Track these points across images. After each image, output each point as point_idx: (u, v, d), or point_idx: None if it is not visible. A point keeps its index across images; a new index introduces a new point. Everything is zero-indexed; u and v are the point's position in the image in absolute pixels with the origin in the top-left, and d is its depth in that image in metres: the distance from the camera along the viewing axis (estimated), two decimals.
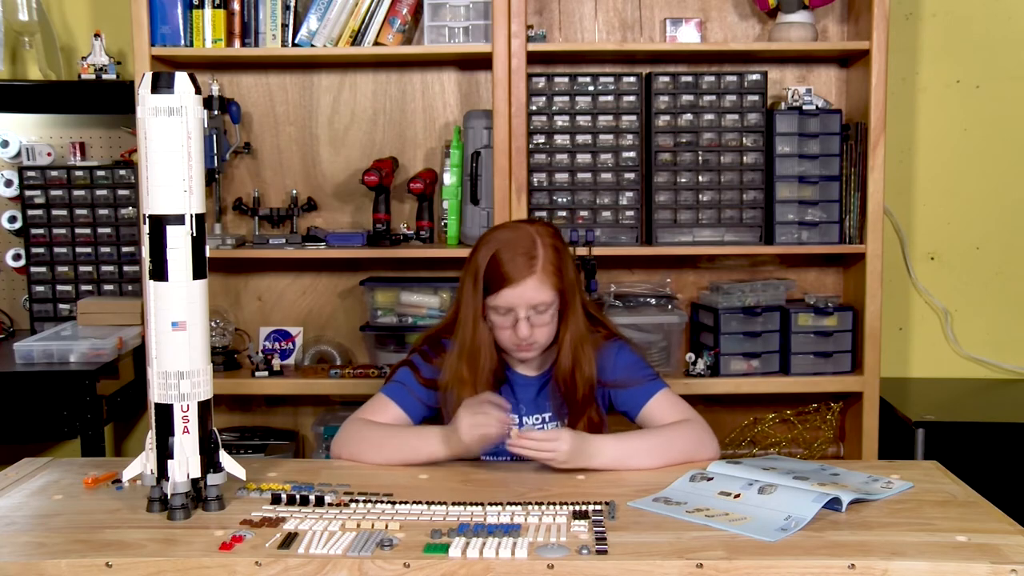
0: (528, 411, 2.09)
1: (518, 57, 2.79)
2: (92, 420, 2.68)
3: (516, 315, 1.98)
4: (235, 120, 3.01)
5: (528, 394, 2.10)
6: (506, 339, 2.01)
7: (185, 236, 1.63)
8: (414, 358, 2.10)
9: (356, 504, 1.71)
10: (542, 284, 1.97)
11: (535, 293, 1.97)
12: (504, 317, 1.99)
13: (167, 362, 1.65)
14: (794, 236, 2.92)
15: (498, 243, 2.01)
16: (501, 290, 1.97)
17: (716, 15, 3.06)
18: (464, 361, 2.02)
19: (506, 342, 2.02)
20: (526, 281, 1.96)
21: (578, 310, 2.05)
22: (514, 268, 1.96)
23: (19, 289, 3.23)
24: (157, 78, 1.61)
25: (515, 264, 1.97)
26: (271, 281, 3.17)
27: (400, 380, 2.07)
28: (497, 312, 1.99)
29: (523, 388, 2.10)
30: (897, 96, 3.15)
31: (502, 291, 1.97)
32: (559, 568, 1.47)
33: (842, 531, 1.58)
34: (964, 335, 3.26)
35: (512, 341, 2.00)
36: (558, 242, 2.04)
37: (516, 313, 1.98)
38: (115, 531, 1.60)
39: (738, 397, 3.06)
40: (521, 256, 1.97)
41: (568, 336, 2.03)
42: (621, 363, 2.09)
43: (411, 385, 2.06)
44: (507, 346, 2.03)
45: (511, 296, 1.97)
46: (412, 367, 2.08)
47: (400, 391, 2.05)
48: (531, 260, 1.97)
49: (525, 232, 2.02)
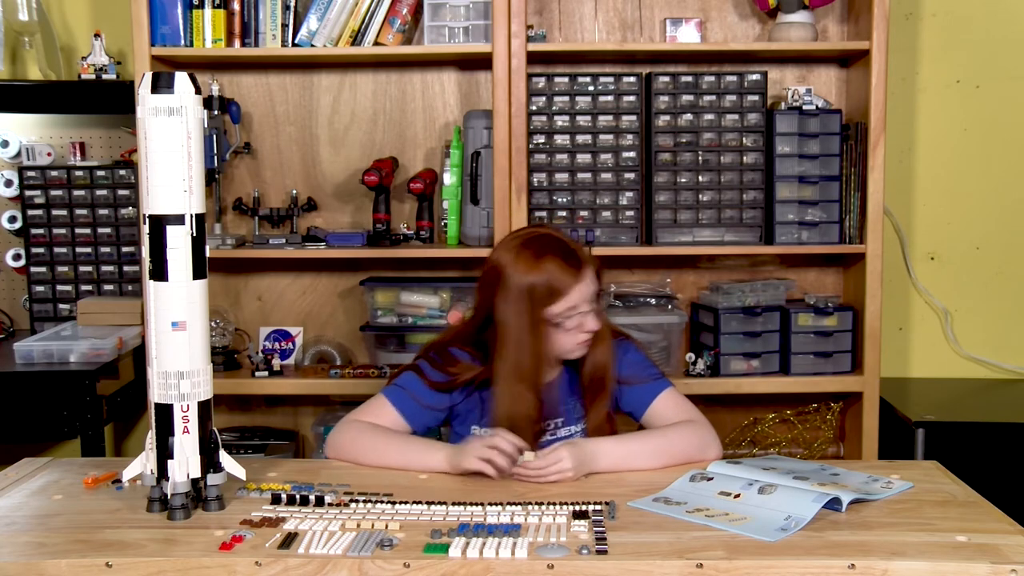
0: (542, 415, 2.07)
1: (518, 57, 2.79)
2: (92, 420, 2.68)
3: (579, 312, 1.98)
4: (235, 120, 3.02)
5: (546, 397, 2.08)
6: (569, 344, 2.01)
7: (185, 236, 1.63)
8: (421, 364, 2.07)
9: (356, 504, 1.71)
10: (592, 275, 2.01)
11: (591, 285, 2.00)
12: (569, 320, 1.98)
13: (167, 362, 1.65)
14: (794, 236, 2.92)
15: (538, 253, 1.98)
16: (566, 293, 1.96)
17: (716, 15, 3.06)
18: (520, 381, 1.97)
19: (571, 343, 2.01)
20: (583, 275, 1.98)
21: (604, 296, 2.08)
22: (567, 271, 1.96)
23: (19, 289, 3.23)
24: (157, 78, 1.61)
25: (566, 268, 1.96)
26: (271, 281, 3.17)
27: (403, 385, 2.04)
28: (560, 318, 1.98)
29: None
30: (897, 96, 3.15)
31: (568, 294, 1.96)
32: (559, 568, 1.47)
33: (842, 531, 1.58)
34: (964, 335, 3.26)
35: (575, 342, 2.01)
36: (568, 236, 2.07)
37: (581, 310, 1.98)
38: (115, 531, 1.60)
39: (738, 397, 3.06)
40: (565, 259, 1.97)
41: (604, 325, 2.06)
42: (628, 361, 2.10)
43: (416, 391, 2.03)
44: (571, 347, 2.02)
45: (576, 295, 1.97)
46: (419, 372, 2.05)
47: (402, 396, 2.03)
48: (574, 258, 1.98)
49: (546, 234, 2.03)
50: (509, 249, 2.02)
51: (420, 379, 2.04)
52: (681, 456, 1.93)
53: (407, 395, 2.03)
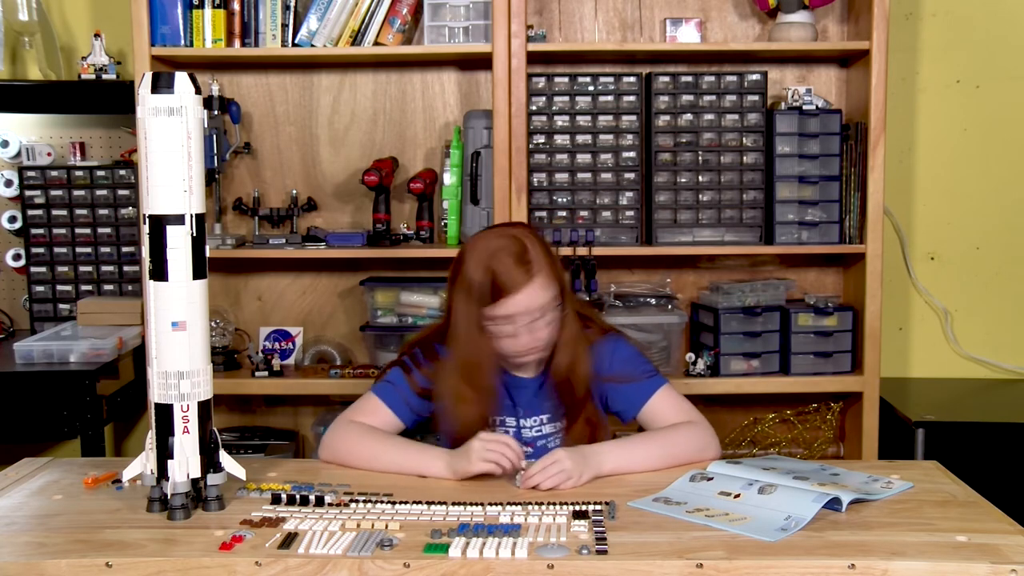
0: (526, 413, 2.07)
1: (518, 57, 2.79)
2: (92, 420, 2.68)
3: (516, 323, 1.92)
4: (235, 120, 3.01)
5: (525, 396, 2.07)
6: (507, 348, 1.96)
7: (185, 236, 1.63)
8: (407, 360, 2.05)
9: (356, 504, 1.71)
10: (542, 288, 1.92)
11: (536, 298, 1.92)
12: (504, 327, 1.93)
13: (167, 362, 1.65)
14: (794, 236, 2.92)
15: (488, 252, 1.93)
16: (501, 300, 1.90)
17: (716, 15, 3.06)
18: (463, 379, 1.96)
19: (507, 351, 1.96)
20: (526, 288, 1.91)
21: (571, 308, 2.01)
22: (512, 277, 1.90)
23: (19, 289, 3.23)
24: (157, 78, 1.61)
25: (512, 273, 1.90)
26: (271, 281, 3.17)
27: (391, 381, 2.03)
28: (496, 323, 1.93)
29: (520, 390, 2.07)
30: (897, 96, 3.15)
31: (503, 301, 1.90)
32: (559, 568, 1.47)
33: (842, 531, 1.58)
34: (964, 335, 3.26)
35: (514, 350, 1.96)
36: (542, 240, 1.99)
37: (516, 321, 1.92)
38: (115, 531, 1.60)
39: (738, 397, 3.06)
40: (516, 263, 1.90)
41: (564, 335, 2.00)
42: (619, 357, 2.06)
43: (403, 389, 2.02)
44: (509, 355, 1.98)
45: (513, 305, 1.91)
46: (404, 369, 2.04)
47: (392, 393, 2.01)
48: (527, 265, 1.91)
49: (512, 237, 1.95)
50: (473, 240, 2.02)
51: (406, 378, 2.03)
52: (683, 458, 1.92)
53: (397, 393, 2.01)
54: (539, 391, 2.07)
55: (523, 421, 2.07)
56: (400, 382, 2.03)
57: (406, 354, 2.08)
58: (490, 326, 1.94)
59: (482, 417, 1.97)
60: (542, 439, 2.07)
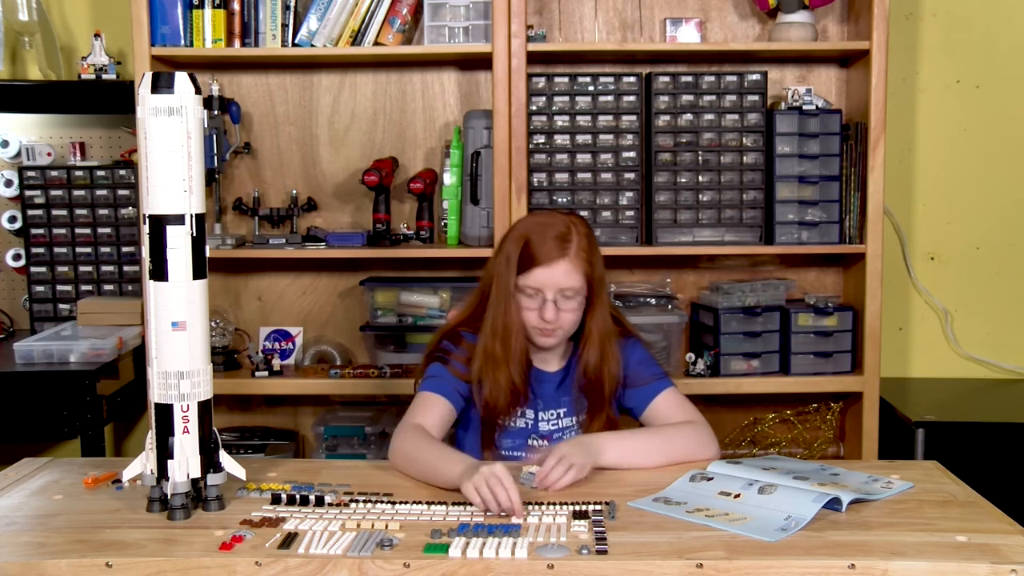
0: (545, 406, 2.09)
1: (518, 57, 2.79)
2: (92, 420, 2.68)
3: (544, 297, 1.99)
4: (235, 120, 3.01)
5: (546, 389, 2.10)
6: (532, 321, 2.02)
7: (185, 236, 1.63)
8: (440, 351, 2.08)
9: (356, 504, 1.71)
10: (573, 269, 2.00)
11: (564, 277, 1.99)
12: (532, 298, 2.01)
13: (167, 362, 1.65)
14: (794, 236, 2.92)
15: (533, 225, 2.05)
16: (532, 269, 1.99)
17: (716, 15, 3.06)
18: (497, 339, 2.02)
19: (530, 323, 2.02)
20: (557, 263, 1.99)
21: (605, 304, 2.08)
22: (547, 249, 1.99)
23: (19, 289, 3.23)
24: (157, 78, 1.61)
25: (548, 246, 1.99)
26: (271, 281, 3.17)
27: (434, 375, 2.06)
28: (525, 293, 2.01)
29: (541, 384, 2.10)
30: (897, 96, 3.15)
31: (533, 271, 1.99)
32: (559, 568, 1.47)
33: (842, 531, 1.58)
34: (964, 335, 3.26)
35: (536, 323, 2.02)
36: (591, 233, 2.08)
37: (544, 295, 1.99)
38: (115, 531, 1.60)
39: (738, 397, 3.06)
40: (554, 239, 2.00)
41: (595, 329, 2.05)
42: (633, 360, 2.10)
43: (447, 377, 2.04)
44: (531, 328, 2.03)
45: (541, 276, 1.99)
46: (441, 360, 2.07)
47: (439, 384, 2.03)
48: (564, 244, 2.00)
49: (560, 219, 2.05)
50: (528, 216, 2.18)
51: (445, 366, 2.06)
52: (681, 455, 1.93)
53: (443, 382, 2.04)
54: (560, 386, 2.10)
55: (541, 414, 2.09)
56: (442, 373, 2.05)
57: (436, 347, 2.10)
58: (519, 295, 2.02)
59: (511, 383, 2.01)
60: (558, 432, 2.09)
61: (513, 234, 2.07)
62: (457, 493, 1.74)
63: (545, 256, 1.99)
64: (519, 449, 2.06)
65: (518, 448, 2.07)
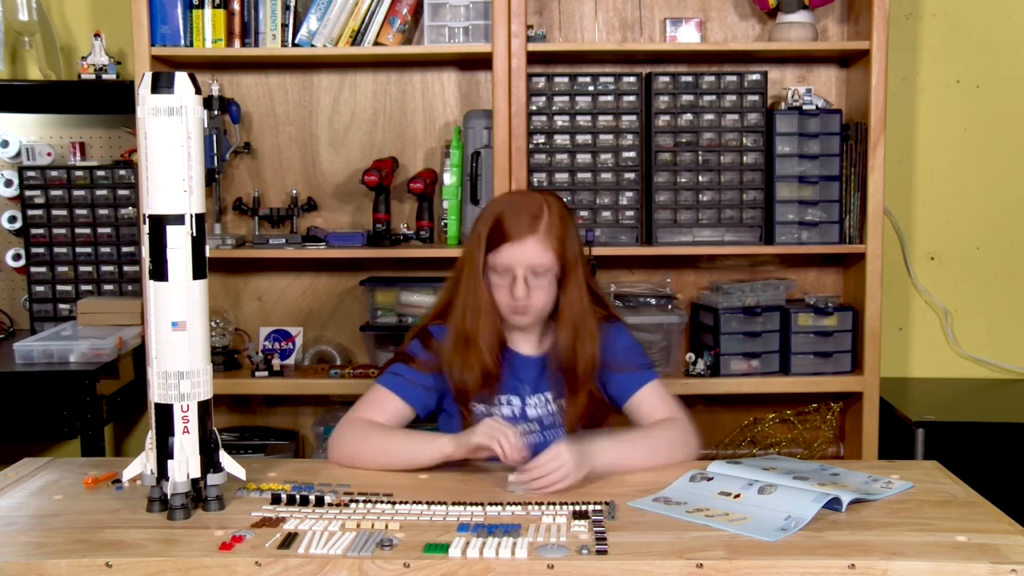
0: (530, 391, 2.07)
1: (518, 57, 2.79)
2: (92, 420, 2.68)
3: (514, 274, 1.98)
4: (235, 120, 3.02)
5: (529, 374, 2.08)
6: (502, 299, 2.00)
7: (185, 236, 1.63)
8: (409, 348, 2.07)
9: (356, 504, 1.71)
10: (542, 246, 1.98)
11: (534, 254, 1.97)
12: (502, 276, 1.99)
13: (167, 362, 1.65)
14: (794, 236, 2.92)
15: (506, 203, 2.06)
16: (501, 246, 1.98)
17: (716, 15, 3.06)
18: (468, 319, 2.01)
19: (502, 303, 2.01)
20: (526, 240, 1.97)
21: (580, 283, 2.04)
22: (516, 226, 1.98)
23: (19, 289, 3.23)
24: (157, 78, 1.61)
25: (518, 223, 1.98)
26: (271, 281, 3.17)
27: (396, 372, 2.04)
28: (496, 271, 2.00)
29: (524, 368, 2.08)
30: (897, 96, 3.15)
31: (502, 247, 1.98)
32: (559, 568, 1.47)
33: (842, 531, 1.58)
34: (964, 335, 3.26)
35: (508, 302, 2.00)
36: (565, 212, 2.05)
37: (514, 272, 1.98)
38: (115, 531, 1.60)
39: (738, 397, 3.06)
40: (525, 216, 1.99)
41: (567, 309, 2.03)
42: (618, 345, 2.08)
43: (408, 374, 2.03)
44: (503, 307, 2.01)
45: (511, 253, 1.97)
46: (406, 358, 2.05)
47: (398, 381, 2.02)
48: (535, 221, 1.98)
49: (535, 197, 2.05)
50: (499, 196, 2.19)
51: (410, 364, 2.04)
52: (667, 456, 1.93)
53: (402, 379, 2.02)
54: (544, 369, 2.08)
55: (528, 399, 2.07)
56: (404, 370, 2.04)
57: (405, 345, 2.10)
58: (490, 274, 2.01)
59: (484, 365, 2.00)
60: (548, 417, 2.07)
61: (485, 213, 2.06)
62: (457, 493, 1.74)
63: (515, 233, 1.97)
64: None
65: None
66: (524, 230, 1.98)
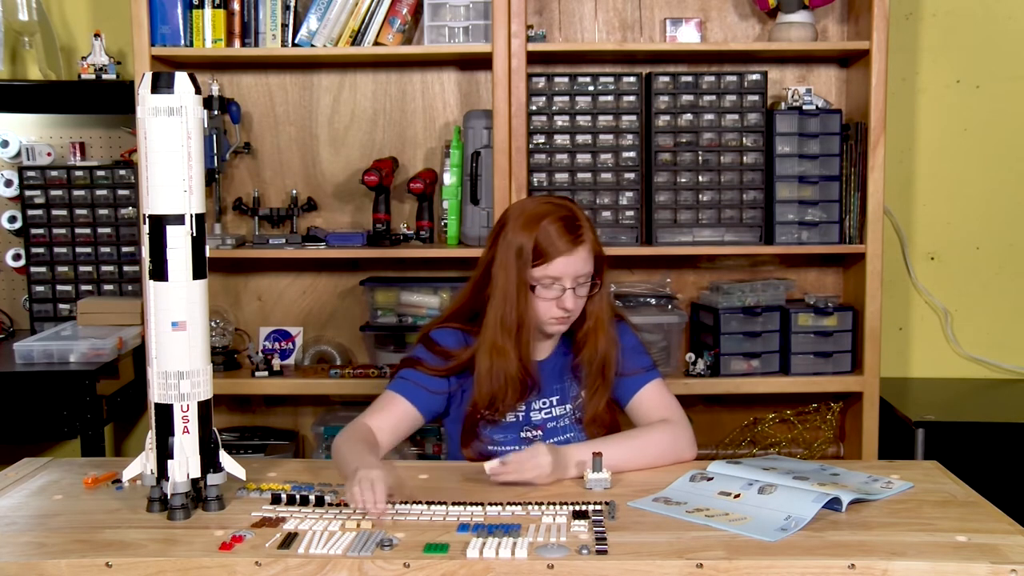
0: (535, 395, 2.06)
1: (518, 57, 2.79)
2: (92, 420, 2.68)
3: (563, 286, 1.96)
4: (235, 120, 3.02)
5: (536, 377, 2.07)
6: (548, 312, 1.98)
7: (185, 236, 1.63)
8: (416, 353, 2.07)
9: None
10: (589, 255, 1.98)
11: (583, 263, 1.97)
12: (549, 289, 1.97)
13: (167, 362, 1.65)
14: (794, 236, 2.92)
15: (539, 214, 1.97)
16: (552, 260, 1.94)
17: (716, 15, 3.06)
18: (505, 334, 1.98)
19: (545, 314, 1.99)
20: (577, 251, 1.96)
21: (607, 286, 2.06)
22: (563, 238, 1.94)
23: (19, 289, 3.23)
24: (157, 78, 1.61)
25: (563, 235, 1.95)
26: (271, 281, 3.17)
27: (405, 376, 2.04)
28: (541, 284, 1.97)
29: None
30: (897, 96, 3.15)
31: (554, 261, 1.94)
32: (559, 568, 1.47)
33: (842, 531, 1.58)
34: (964, 335, 3.26)
35: (552, 314, 1.98)
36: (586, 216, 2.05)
37: (563, 283, 1.96)
38: (115, 531, 1.60)
39: (738, 397, 3.06)
40: (568, 227, 1.96)
41: (598, 310, 2.03)
42: (625, 346, 2.08)
43: (418, 379, 2.02)
44: (545, 318, 2.00)
45: (563, 265, 1.95)
46: (415, 362, 2.05)
47: (406, 386, 2.02)
48: (579, 230, 1.97)
49: (559, 204, 2.01)
50: (522, 205, 2.07)
51: (418, 368, 2.04)
52: (654, 458, 1.93)
53: (411, 384, 2.02)
54: (551, 372, 2.08)
55: (533, 403, 2.06)
56: (412, 374, 2.03)
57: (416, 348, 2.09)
58: (536, 286, 1.97)
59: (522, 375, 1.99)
60: (552, 421, 2.07)
61: (515, 223, 1.99)
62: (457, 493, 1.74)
63: (563, 246, 1.94)
64: (512, 443, 2.02)
65: (511, 442, 2.03)
66: (573, 241, 1.96)
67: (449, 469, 1.94)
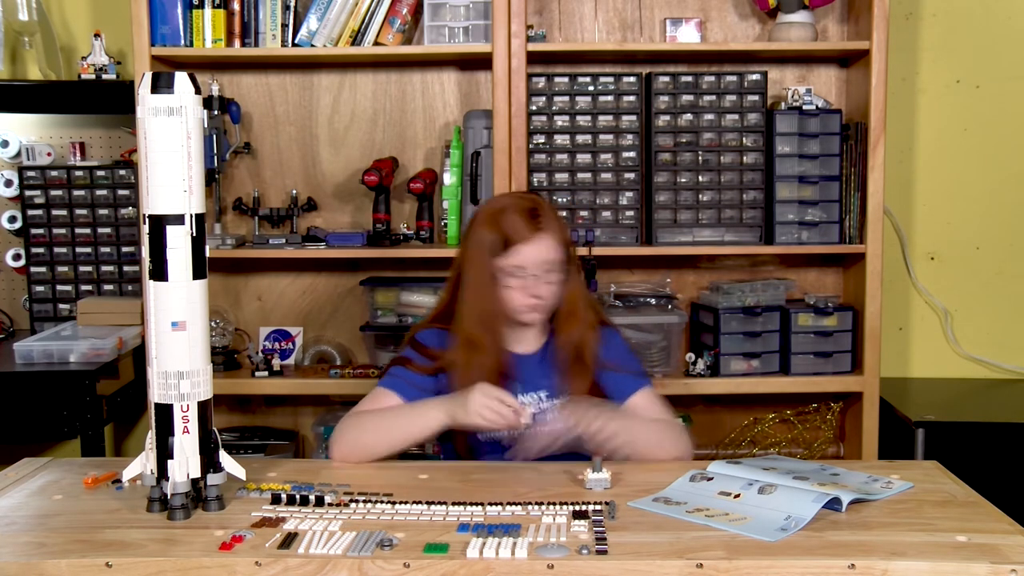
0: (524, 389, 2.08)
1: (518, 57, 2.79)
2: (92, 420, 2.68)
3: (529, 273, 2.01)
4: (235, 120, 3.02)
5: (526, 372, 2.09)
6: (517, 300, 2.03)
7: (185, 236, 1.63)
8: (405, 353, 2.10)
9: (356, 504, 1.71)
10: (552, 242, 2.02)
11: (548, 250, 2.01)
12: (515, 277, 2.01)
13: (167, 362, 1.65)
14: (794, 236, 2.92)
15: (502, 208, 2.06)
16: (514, 248, 2.00)
17: (716, 15, 3.06)
18: (477, 325, 2.03)
19: (515, 303, 2.03)
20: (539, 238, 2.00)
21: (579, 275, 2.10)
22: (525, 226, 2.01)
23: (19, 289, 3.23)
24: (157, 78, 1.61)
25: (524, 223, 2.01)
26: (271, 281, 3.17)
27: (395, 374, 2.07)
28: (508, 273, 2.01)
29: (519, 366, 2.09)
30: (897, 96, 3.15)
31: (515, 249, 2.00)
32: (559, 568, 1.47)
33: (842, 531, 1.58)
34: (964, 335, 3.26)
35: (523, 302, 2.03)
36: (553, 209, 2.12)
37: (529, 271, 2.01)
38: (115, 531, 1.60)
39: (738, 397, 3.06)
40: (528, 215, 2.02)
41: (573, 299, 2.07)
42: (612, 347, 2.12)
43: (408, 377, 2.05)
44: (515, 308, 2.04)
45: (525, 253, 2.00)
46: (404, 361, 2.08)
47: (397, 382, 2.05)
48: (538, 219, 2.02)
49: (524, 197, 2.10)
50: (489, 202, 2.18)
51: (408, 367, 2.07)
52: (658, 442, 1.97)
53: (402, 380, 2.05)
54: (539, 367, 2.10)
55: (522, 397, 2.07)
56: (402, 372, 2.06)
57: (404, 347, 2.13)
58: (500, 276, 2.02)
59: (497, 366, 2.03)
60: (541, 415, 2.06)
61: (480, 219, 2.07)
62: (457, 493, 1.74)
63: (524, 233, 2.00)
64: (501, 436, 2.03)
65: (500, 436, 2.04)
66: (534, 228, 2.01)
67: (449, 469, 1.94)
